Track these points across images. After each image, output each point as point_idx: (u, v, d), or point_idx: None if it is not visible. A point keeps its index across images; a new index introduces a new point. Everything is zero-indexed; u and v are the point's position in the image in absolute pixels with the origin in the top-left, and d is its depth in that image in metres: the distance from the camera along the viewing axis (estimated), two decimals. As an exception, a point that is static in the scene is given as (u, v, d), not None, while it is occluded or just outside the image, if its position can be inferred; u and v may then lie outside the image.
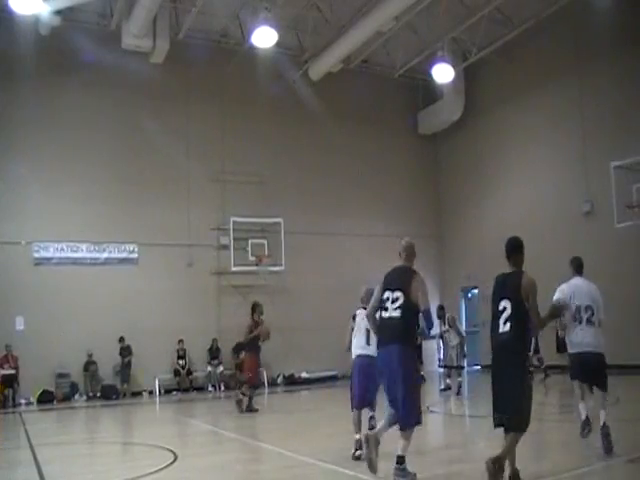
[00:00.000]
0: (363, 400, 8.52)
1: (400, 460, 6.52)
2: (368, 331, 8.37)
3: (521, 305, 6.15)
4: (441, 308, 18.37)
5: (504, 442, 6.15)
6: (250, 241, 21.37)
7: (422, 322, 6.82)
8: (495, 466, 5.93)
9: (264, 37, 19.44)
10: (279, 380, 21.34)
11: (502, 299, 6.27)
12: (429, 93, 25.10)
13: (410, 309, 6.77)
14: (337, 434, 10.09)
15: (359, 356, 8.57)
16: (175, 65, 20.93)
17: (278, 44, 20.16)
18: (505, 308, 6.20)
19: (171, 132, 21.17)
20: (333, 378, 21.53)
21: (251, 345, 14.48)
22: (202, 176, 21.55)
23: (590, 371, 7.86)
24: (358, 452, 7.99)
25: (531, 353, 16.35)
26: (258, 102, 22.37)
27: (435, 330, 22.29)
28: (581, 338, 7.83)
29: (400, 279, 6.97)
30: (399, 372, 6.63)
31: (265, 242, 21.53)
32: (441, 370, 19.79)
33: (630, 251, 18.35)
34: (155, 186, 20.87)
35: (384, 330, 6.97)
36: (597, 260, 18.45)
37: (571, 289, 8.08)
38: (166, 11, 19.76)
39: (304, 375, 21.44)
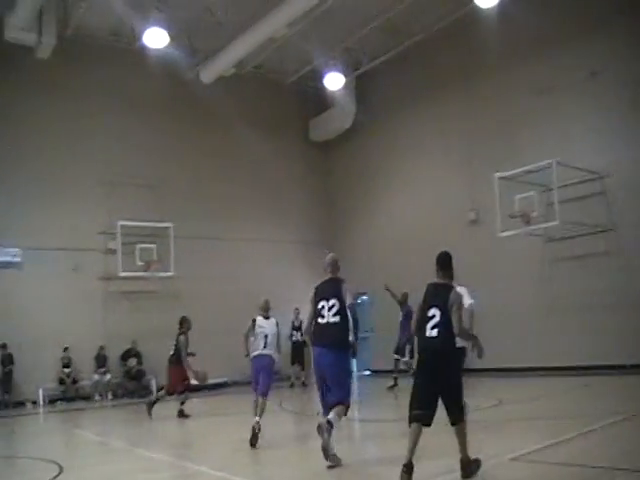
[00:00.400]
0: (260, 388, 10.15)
1: (330, 423, 7.54)
2: (266, 337, 10.26)
3: (448, 314, 6.64)
4: None
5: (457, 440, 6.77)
6: (139, 246, 20.84)
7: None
8: (467, 465, 6.67)
9: (155, 38, 19.17)
10: (169, 388, 20.84)
11: (432, 307, 6.74)
12: (321, 101, 25.33)
13: (345, 313, 8.00)
14: (229, 442, 10.03)
15: (256, 356, 10.28)
16: (63, 62, 20.17)
17: (170, 45, 19.90)
18: (434, 315, 6.68)
19: (57, 131, 20.50)
20: (224, 385, 21.35)
21: (178, 359, 14.50)
22: (89, 178, 20.92)
23: None
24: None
25: (406, 358, 16.92)
26: (149, 103, 21.98)
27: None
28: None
29: (333, 289, 8.13)
30: (335, 367, 7.89)
31: (154, 247, 21.01)
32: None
33: (512, 259, 19.11)
34: (40, 188, 20.04)
35: (322, 333, 8.08)
36: (481, 267, 19.26)
37: None
38: (53, 5, 19.09)
39: (194, 382, 21.05)
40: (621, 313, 16.77)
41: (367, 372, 24.48)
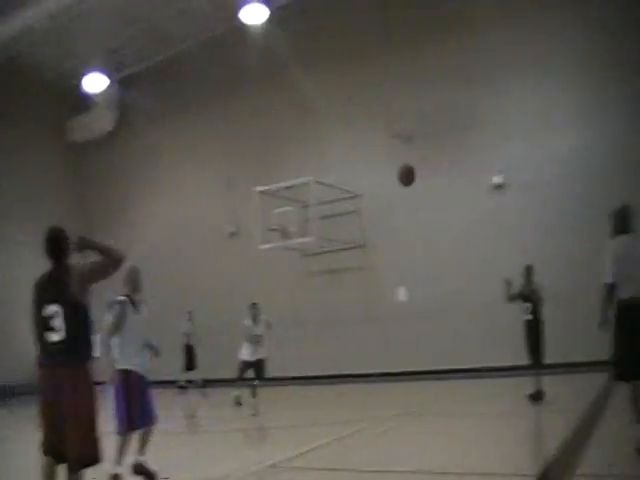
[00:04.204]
0: None
1: None
2: None
3: None
4: None
5: None
6: None
7: None
8: None
9: None
10: None
11: None
12: (81, 100, 24.23)
13: None
14: None
15: None
16: None
17: None
18: None
19: None
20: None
21: None
22: None
23: None
24: None
25: None
26: None
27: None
28: None
29: None
30: None
31: None
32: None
33: (271, 272, 19.54)
34: None
35: None
36: (242, 278, 19.56)
37: None
38: None
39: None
40: (370, 325, 17.89)
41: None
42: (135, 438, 6.98)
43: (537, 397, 10.75)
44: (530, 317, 10.93)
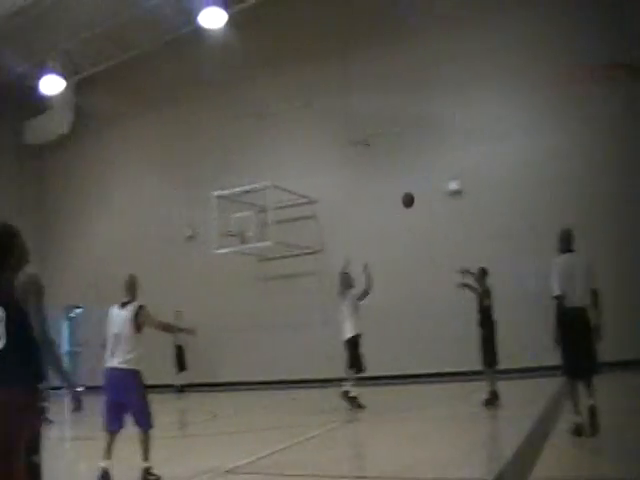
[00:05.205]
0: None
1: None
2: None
3: None
4: None
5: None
6: None
7: None
8: None
9: None
10: None
11: None
12: (38, 102, 23.77)
13: None
14: None
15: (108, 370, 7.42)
16: None
17: None
18: None
19: None
20: None
21: None
22: None
23: None
24: None
25: None
26: None
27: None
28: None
29: None
30: None
31: None
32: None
33: (227, 276, 19.46)
34: None
35: None
36: (197, 282, 19.49)
37: None
38: None
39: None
40: (327, 330, 17.90)
41: (81, 388, 23.15)
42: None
43: (491, 401, 10.88)
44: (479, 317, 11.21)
